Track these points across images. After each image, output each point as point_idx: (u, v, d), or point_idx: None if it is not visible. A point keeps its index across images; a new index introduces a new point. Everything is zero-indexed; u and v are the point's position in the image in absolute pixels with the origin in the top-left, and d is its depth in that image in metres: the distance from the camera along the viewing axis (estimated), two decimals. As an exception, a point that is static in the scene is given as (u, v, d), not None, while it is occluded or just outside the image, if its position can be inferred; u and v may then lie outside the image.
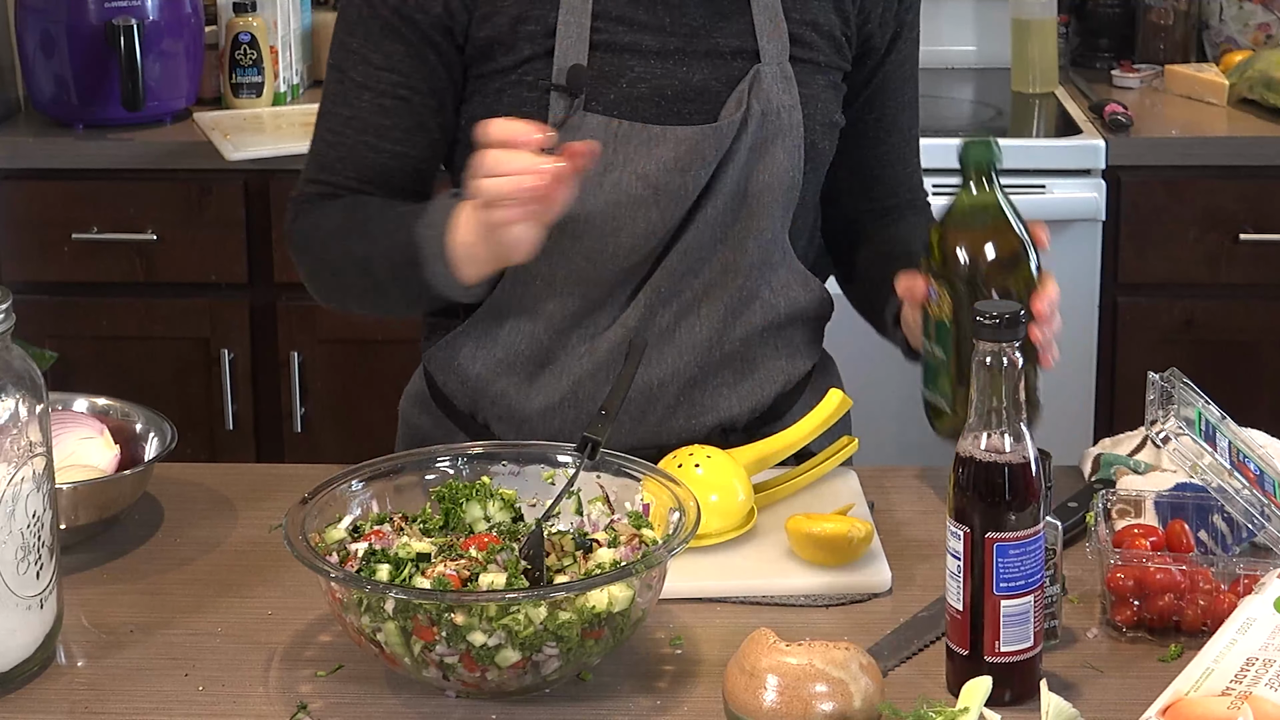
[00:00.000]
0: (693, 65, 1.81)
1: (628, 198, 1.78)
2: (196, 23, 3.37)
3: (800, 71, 1.83)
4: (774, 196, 1.83)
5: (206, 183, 3.19)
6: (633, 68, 1.80)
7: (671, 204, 1.79)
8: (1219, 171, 3.16)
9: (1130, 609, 1.55)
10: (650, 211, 1.79)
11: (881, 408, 3.15)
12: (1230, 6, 3.62)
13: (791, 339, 1.91)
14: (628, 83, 1.80)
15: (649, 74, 1.80)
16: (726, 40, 1.82)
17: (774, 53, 1.82)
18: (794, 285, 1.88)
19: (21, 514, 1.48)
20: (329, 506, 1.57)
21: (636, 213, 1.79)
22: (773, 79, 1.81)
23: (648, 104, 1.80)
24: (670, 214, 1.80)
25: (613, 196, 1.78)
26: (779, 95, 1.81)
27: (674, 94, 1.80)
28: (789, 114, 1.81)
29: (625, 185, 1.78)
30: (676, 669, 1.53)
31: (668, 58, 1.81)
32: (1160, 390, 1.59)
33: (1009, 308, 1.42)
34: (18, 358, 1.50)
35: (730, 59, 1.82)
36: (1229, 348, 3.21)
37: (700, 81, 1.81)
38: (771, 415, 1.92)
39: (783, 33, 1.82)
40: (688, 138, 1.78)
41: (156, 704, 1.49)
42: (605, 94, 1.79)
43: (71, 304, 3.27)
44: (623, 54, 1.80)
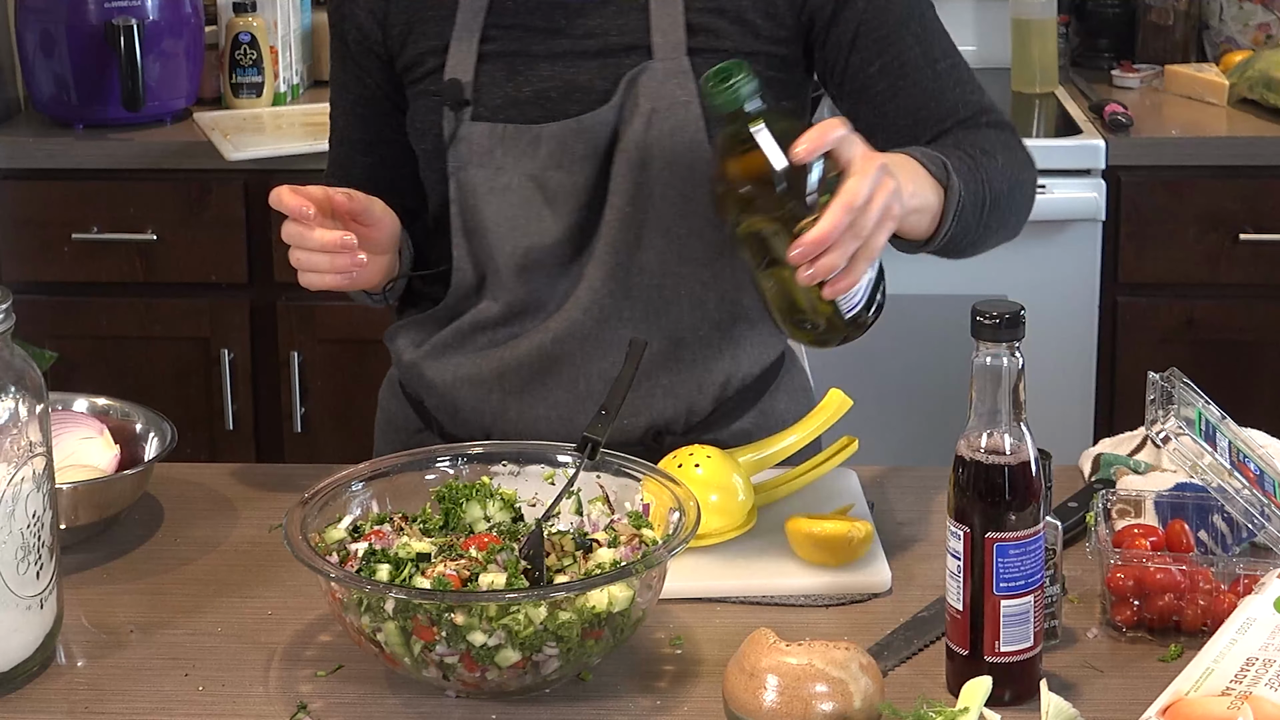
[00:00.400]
0: (581, 65, 1.82)
1: (519, 198, 1.82)
2: (196, 23, 3.37)
3: (701, 64, 1.78)
4: (679, 193, 1.81)
5: (206, 183, 3.19)
6: (521, 72, 1.83)
7: (560, 202, 1.81)
8: (1219, 171, 3.16)
9: (1130, 609, 1.55)
10: (542, 210, 1.81)
11: (881, 408, 3.16)
12: (1230, 6, 3.62)
13: (736, 338, 1.89)
14: (514, 87, 1.83)
15: (536, 77, 1.83)
16: (619, 36, 1.82)
17: (667, 47, 1.80)
18: (727, 279, 1.86)
19: (21, 514, 1.48)
20: (329, 506, 1.57)
21: (529, 213, 1.82)
22: (665, 75, 1.80)
23: (534, 106, 1.82)
24: (564, 213, 1.81)
25: (505, 198, 1.82)
26: (671, 91, 1.79)
27: (559, 95, 1.82)
28: (684, 109, 1.79)
29: (515, 186, 1.82)
30: (676, 669, 1.53)
31: (557, 60, 1.83)
32: (1160, 390, 1.59)
33: (1009, 307, 1.42)
34: (18, 358, 1.50)
35: (622, 56, 1.82)
36: (1229, 348, 3.21)
37: (587, 80, 1.82)
38: (710, 421, 1.90)
39: (679, 26, 1.80)
40: (556, 134, 1.80)
41: (156, 704, 1.49)
42: (493, 100, 1.83)
43: (71, 304, 3.27)
44: (513, 60, 1.83)
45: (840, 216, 1.50)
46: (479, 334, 1.88)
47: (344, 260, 1.72)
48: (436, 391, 1.91)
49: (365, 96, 1.94)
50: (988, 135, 1.82)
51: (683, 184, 1.81)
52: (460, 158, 1.83)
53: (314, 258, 1.72)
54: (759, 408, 1.93)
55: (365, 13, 1.90)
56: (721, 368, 1.88)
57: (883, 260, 1.64)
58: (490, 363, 1.86)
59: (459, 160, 1.83)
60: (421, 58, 1.87)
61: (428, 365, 1.90)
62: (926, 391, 3.19)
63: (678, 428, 1.88)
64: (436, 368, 1.90)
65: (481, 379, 1.87)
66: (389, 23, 1.88)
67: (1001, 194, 1.79)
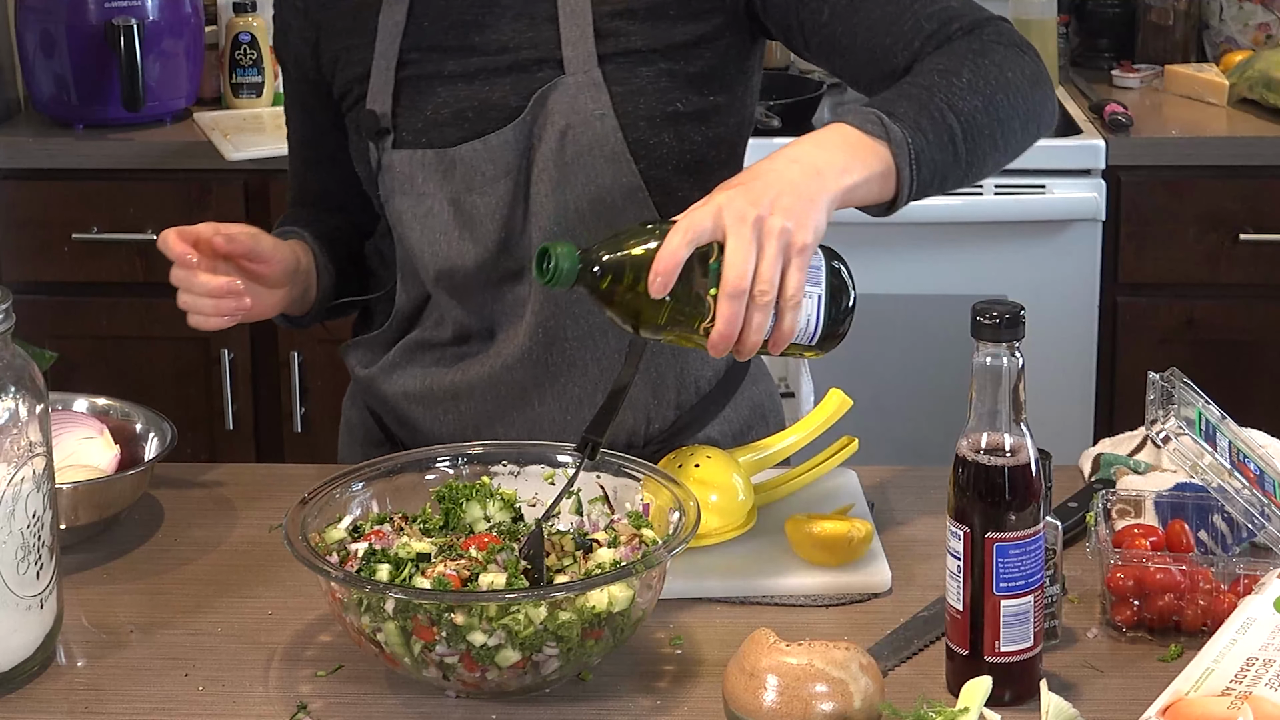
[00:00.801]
0: (495, 83, 1.80)
1: (440, 223, 1.81)
2: (196, 23, 3.37)
3: (616, 70, 1.76)
4: (609, 207, 1.78)
5: (206, 183, 3.19)
6: (439, 94, 1.81)
7: (479, 225, 1.79)
8: (1219, 171, 3.16)
9: (1130, 609, 1.55)
10: (462, 234, 1.80)
11: (881, 408, 3.16)
12: (1230, 6, 3.62)
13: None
14: (432, 109, 1.81)
15: (453, 98, 1.80)
16: (531, 51, 1.78)
17: (579, 60, 1.76)
18: None
19: (21, 514, 1.48)
20: (329, 506, 1.57)
21: (451, 237, 1.80)
22: (577, 88, 1.76)
23: (452, 128, 1.80)
24: (483, 234, 1.79)
25: (427, 224, 1.81)
26: (585, 105, 1.76)
27: (474, 114, 1.80)
28: (600, 122, 1.75)
29: (437, 211, 1.81)
30: (676, 669, 1.52)
31: (472, 78, 1.80)
32: (1160, 390, 1.59)
33: (1009, 307, 1.42)
34: (18, 358, 1.50)
35: (534, 71, 1.78)
36: (1229, 348, 3.21)
37: (501, 98, 1.79)
38: (677, 431, 1.88)
39: (589, 36, 1.76)
40: (465, 156, 1.78)
41: (156, 704, 1.49)
42: (414, 124, 1.82)
43: (71, 304, 3.27)
44: (430, 83, 1.81)
45: (731, 310, 1.44)
46: (426, 351, 1.87)
47: (228, 304, 1.74)
48: (391, 408, 1.91)
49: (311, 120, 1.95)
50: (953, 50, 1.67)
51: (610, 196, 1.77)
52: (387, 186, 1.83)
53: (200, 301, 1.74)
54: (724, 415, 1.92)
55: (299, 40, 1.90)
56: (676, 376, 1.87)
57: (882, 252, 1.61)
58: (442, 383, 1.86)
59: (386, 189, 1.83)
60: (349, 86, 1.86)
61: (381, 381, 1.90)
62: (926, 391, 3.19)
63: (639, 440, 1.87)
64: (389, 384, 1.90)
65: (435, 399, 1.86)
66: (320, 50, 1.88)
67: (976, 113, 1.63)
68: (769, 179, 1.49)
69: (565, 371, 1.82)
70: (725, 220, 1.45)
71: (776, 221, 1.45)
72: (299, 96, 1.96)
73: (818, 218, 1.48)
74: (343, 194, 1.96)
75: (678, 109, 1.78)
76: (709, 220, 1.45)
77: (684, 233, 1.44)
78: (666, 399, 1.87)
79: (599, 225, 1.77)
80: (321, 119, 1.94)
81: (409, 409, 1.89)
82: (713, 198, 1.48)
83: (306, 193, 2.00)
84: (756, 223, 1.45)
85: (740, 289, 1.43)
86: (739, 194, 1.47)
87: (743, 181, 1.49)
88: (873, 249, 3.14)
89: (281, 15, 1.93)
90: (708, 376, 1.90)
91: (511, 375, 1.83)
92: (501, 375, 1.83)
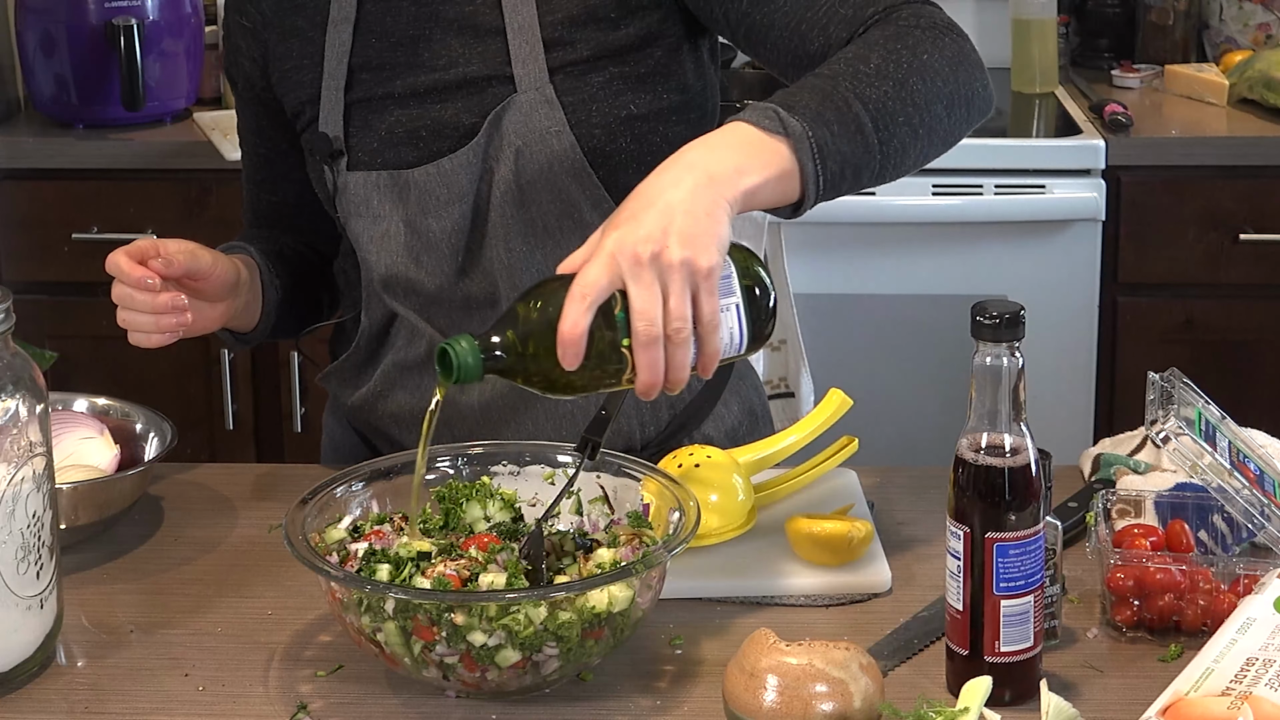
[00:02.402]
0: (446, 102, 1.77)
1: (397, 245, 1.78)
2: (196, 23, 3.37)
3: (565, 81, 1.74)
4: (576, 222, 1.75)
5: (206, 183, 3.19)
6: (391, 113, 1.79)
7: (434, 249, 1.77)
8: (1219, 171, 3.16)
9: (1130, 609, 1.55)
10: (421, 257, 1.78)
11: (881, 408, 3.16)
12: (1230, 6, 3.62)
13: None
14: (386, 130, 1.78)
15: (406, 118, 1.78)
16: (481, 68, 1.76)
17: (530, 77, 1.74)
18: None
19: (21, 514, 1.48)
20: (329, 506, 1.57)
21: (409, 259, 1.78)
22: (531, 106, 1.73)
23: (407, 148, 1.78)
24: (440, 259, 1.77)
25: (385, 246, 1.79)
26: (539, 122, 1.73)
27: (429, 133, 1.77)
28: (556, 138, 1.73)
29: (394, 233, 1.78)
30: (676, 669, 1.52)
31: (423, 97, 1.77)
32: (1160, 390, 1.59)
33: (1009, 307, 1.42)
34: (18, 358, 1.50)
35: (485, 87, 1.75)
36: (1229, 348, 3.21)
37: (453, 116, 1.77)
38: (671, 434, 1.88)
39: (538, 52, 1.73)
40: (418, 181, 1.76)
41: (156, 704, 1.49)
42: (368, 145, 1.79)
43: (71, 304, 3.27)
44: (382, 104, 1.79)
45: (649, 357, 1.38)
46: (409, 374, 1.85)
47: (170, 320, 1.71)
48: (381, 432, 1.90)
49: (264, 141, 1.93)
50: (866, 38, 1.60)
51: (576, 210, 1.76)
52: (344, 209, 1.81)
53: (140, 318, 1.71)
54: (715, 414, 1.92)
55: (248, 60, 1.88)
56: None
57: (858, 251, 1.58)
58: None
59: (344, 211, 1.81)
60: (300, 108, 1.84)
61: (368, 409, 1.89)
62: (926, 391, 3.19)
63: (635, 445, 1.86)
64: (378, 411, 1.88)
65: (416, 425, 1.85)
66: (269, 70, 1.86)
67: (887, 99, 1.53)
68: (658, 206, 1.40)
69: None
70: (621, 268, 1.37)
71: (674, 253, 1.37)
72: (251, 118, 1.93)
73: (719, 232, 1.40)
74: (297, 215, 1.94)
75: (631, 111, 1.76)
76: (604, 276, 1.37)
77: (580, 299, 1.36)
78: (658, 403, 1.86)
79: (566, 240, 1.74)
80: (275, 138, 1.91)
81: (401, 435, 1.88)
82: (601, 244, 1.39)
83: (261, 214, 1.97)
84: (653, 261, 1.37)
85: (653, 336, 1.37)
86: (628, 232, 1.38)
87: (632, 214, 1.40)
88: (872, 249, 3.14)
89: (230, 36, 1.90)
90: (696, 382, 1.89)
91: (499, 397, 1.82)
92: (491, 399, 1.82)
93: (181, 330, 1.72)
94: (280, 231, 1.95)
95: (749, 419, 1.97)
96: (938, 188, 3.15)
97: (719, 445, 1.88)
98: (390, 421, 1.88)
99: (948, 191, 3.16)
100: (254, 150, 1.95)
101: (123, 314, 1.73)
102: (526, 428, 1.83)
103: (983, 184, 3.15)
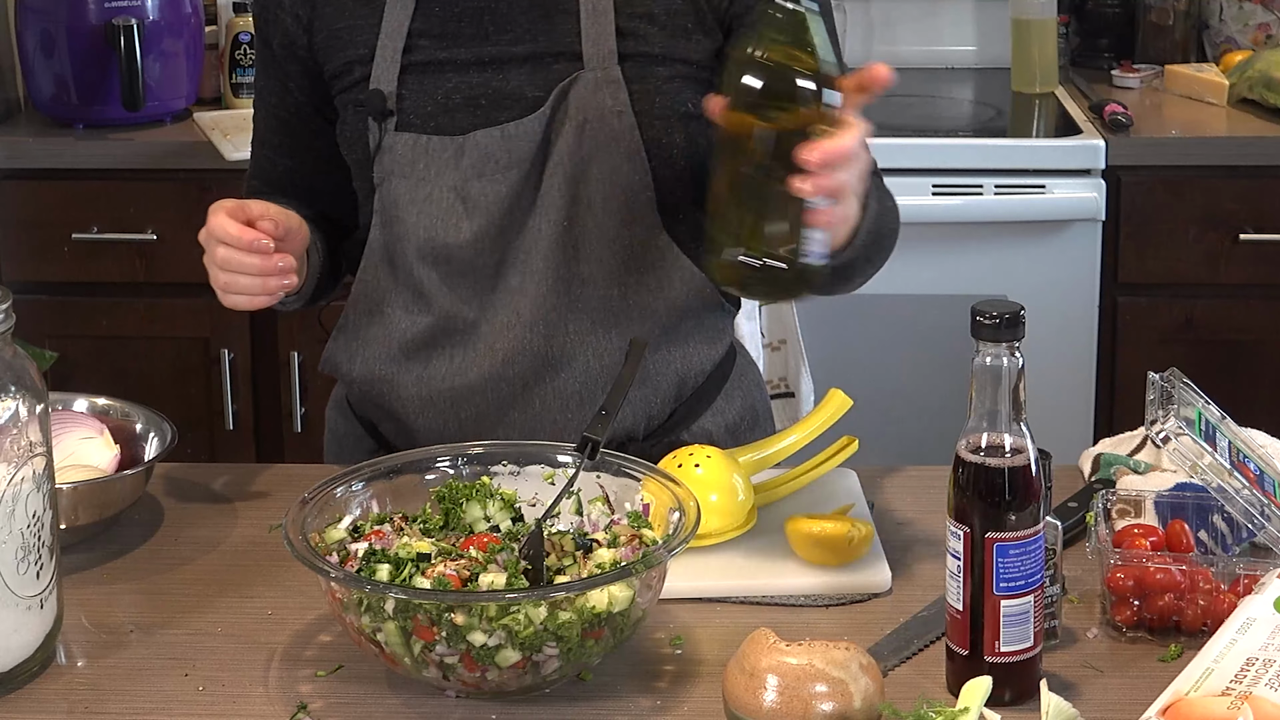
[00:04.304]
0: (510, 72, 1.81)
1: (440, 209, 1.81)
2: (196, 23, 3.37)
3: (632, 69, 1.80)
4: (620, 203, 1.80)
5: (206, 183, 3.19)
6: (449, 80, 1.81)
7: (480, 213, 1.80)
8: (1219, 171, 3.16)
9: (1130, 609, 1.55)
10: (462, 222, 1.80)
11: (881, 408, 3.16)
12: (1230, 6, 3.62)
13: (683, 339, 1.88)
14: (443, 95, 1.81)
15: (464, 85, 1.81)
16: (549, 44, 1.81)
17: (599, 56, 1.80)
18: (676, 285, 1.84)
19: (21, 514, 1.48)
20: (329, 506, 1.57)
21: (449, 223, 1.80)
22: (596, 84, 1.79)
23: (462, 114, 1.81)
24: (485, 224, 1.80)
25: (425, 209, 1.81)
26: (604, 101, 1.79)
27: (488, 103, 1.81)
28: (618, 119, 1.79)
29: (436, 198, 1.81)
30: (676, 669, 1.52)
31: (485, 67, 1.81)
32: (1160, 390, 1.59)
33: (1009, 307, 1.42)
34: (18, 358, 1.50)
35: (551, 63, 1.81)
36: (1229, 348, 3.21)
37: (516, 88, 1.81)
38: (673, 424, 1.90)
39: (609, 34, 1.79)
40: (479, 143, 1.79)
41: (156, 704, 1.49)
42: (421, 109, 1.82)
43: (71, 304, 3.27)
44: (440, 69, 1.82)
45: (856, 136, 1.49)
46: (419, 351, 1.85)
47: (275, 283, 1.72)
48: (389, 416, 1.90)
49: (287, 102, 1.92)
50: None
51: (624, 194, 1.80)
52: (385, 169, 1.82)
53: (247, 281, 1.71)
54: (715, 406, 1.93)
55: (290, 18, 1.88)
56: (674, 370, 1.88)
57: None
58: (443, 388, 1.84)
59: (383, 171, 1.82)
60: (348, 66, 1.85)
61: (376, 389, 1.89)
62: (926, 391, 3.19)
63: (639, 434, 1.88)
64: (386, 391, 1.88)
65: (435, 405, 1.85)
66: (314, 29, 1.87)
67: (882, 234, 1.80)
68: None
69: (565, 367, 1.82)
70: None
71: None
72: (278, 79, 1.92)
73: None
74: (310, 181, 1.94)
75: (689, 109, 1.81)
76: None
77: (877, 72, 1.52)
78: (664, 393, 1.87)
79: (611, 219, 1.80)
80: (300, 101, 1.91)
81: (408, 417, 1.88)
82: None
83: (273, 180, 1.96)
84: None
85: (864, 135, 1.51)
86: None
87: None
88: (873, 249, 3.14)
89: None
90: (701, 371, 1.90)
91: (510, 370, 1.82)
92: (501, 371, 1.82)
93: (282, 293, 1.73)
94: (292, 199, 1.93)
95: (750, 415, 1.97)
96: (938, 188, 3.15)
97: (719, 440, 1.89)
98: (398, 405, 1.88)
99: (948, 191, 3.16)
100: (275, 114, 1.94)
101: (225, 276, 1.72)
102: (534, 408, 1.84)
103: (983, 184, 3.15)
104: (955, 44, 3.74)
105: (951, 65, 3.73)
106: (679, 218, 1.84)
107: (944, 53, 3.72)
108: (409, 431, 1.89)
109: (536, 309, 1.81)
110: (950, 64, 3.73)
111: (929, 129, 3.27)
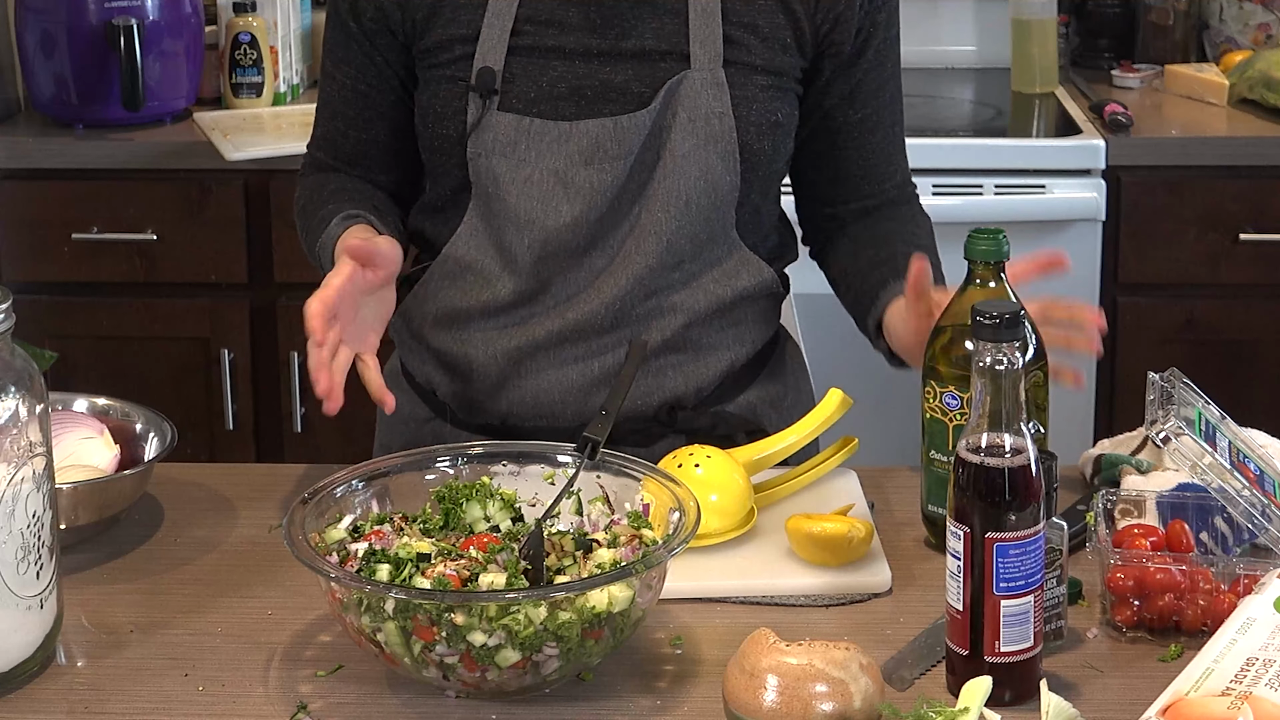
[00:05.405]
0: (617, 66, 1.85)
1: (539, 191, 1.84)
2: (196, 23, 3.37)
3: (734, 74, 1.85)
4: (711, 200, 1.86)
5: (206, 183, 3.19)
6: (555, 67, 1.85)
7: (581, 198, 1.84)
8: (1219, 171, 3.16)
9: (1130, 609, 1.55)
10: (561, 205, 1.84)
11: (881, 408, 3.15)
12: (1230, 6, 3.62)
13: (738, 320, 1.93)
14: (548, 82, 1.85)
15: (570, 74, 1.85)
16: (656, 41, 1.85)
17: (705, 58, 1.85)
18: (742, 274, 1.91)
19: (21, 514, 1.48)
20: (329, 506, 1.57)
21: (548, 206, 1.84)
22: (702, 85, 1.84)
23: (567, 102, 1.85)
24: (585, 208, 1.84)
25: (525, 189, 1.85)
26: (708, 102, 1.84)
27: (594, 93, 1.85)
28: (719, 120, 1.84)
29: (536, 179, 1.84)
30: (676, 669, 1.53)
31: (592, 58, 1.85)
32: (1160, 390, 1.59)
33: (1009, 307, 1.42)
34: (18, 358, 1.50)
35: (658, 60, 1.85)
36: (1229, 348, 3.21)
37: (622, 81, 1.85)
38: (720, 395, 1.94)
39: (717, 37, 1.85)
40: (590, 131, 1.83)
41: (156, 704, 1.49)
42: (525, 92, 1.85)
43: (71, 304, 3.27)
44: (546, 55, 1.85)
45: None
46: (490, 318, 1.89)
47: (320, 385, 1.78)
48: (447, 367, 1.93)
49: (370, 74, 1.93)
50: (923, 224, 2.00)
51: (714, 191, 1.86)
52: (482, 145, 1.85)
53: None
54: (761, 380, 1.97)
55: None
56: (727, 347, 1.93)
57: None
58: (509, 346, 1.89)
59: (480, 147, 1.85)
60: (449, 43, 1.87)
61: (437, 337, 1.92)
62: (926, 391, 3.19)
63: (689, 403, 1.92)
64: (447, 340, 1.92)
65: (494, 359, 1.89)
66: (411, 5, 1.88)
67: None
68: None
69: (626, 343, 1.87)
70: None
71: None
72: (361, 52, 1.93)
73: None
74: (381, 155, 1.96)
75: (778, 119, 1.88)
76: None
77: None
78: (715, 368, 1.92)
79: (699, 215, 1.86)
80: (383, 74, 1.93)
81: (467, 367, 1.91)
82: None
83: (344, 153, 1.97)
84: None
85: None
86: None
87: None
88: (873, 249, 3.14)
89: None
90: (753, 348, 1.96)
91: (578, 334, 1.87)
92: (567, 334, 1.87)
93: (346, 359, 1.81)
94: (365, 169, 1.97)
95: (794, 392, 2.02)
96: (938, 188, 3.15)
97: (763, 413, 1.94)
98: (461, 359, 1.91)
99: (948, 191, 3.15)
100: (352, 86, 1.95)
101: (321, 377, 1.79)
102: (541, 384, 1.88)
103: (983, 184, 3.15)
104: (955, 44, 3.74)
105: (951, 65, 3.73)
106: (748, 216, 1.91)
107: (944, 53, 3.72)
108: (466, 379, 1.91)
109: (617, 291, 1.86)
110: (950, 64, 3.73)
111: (929, 129, 3.27)
